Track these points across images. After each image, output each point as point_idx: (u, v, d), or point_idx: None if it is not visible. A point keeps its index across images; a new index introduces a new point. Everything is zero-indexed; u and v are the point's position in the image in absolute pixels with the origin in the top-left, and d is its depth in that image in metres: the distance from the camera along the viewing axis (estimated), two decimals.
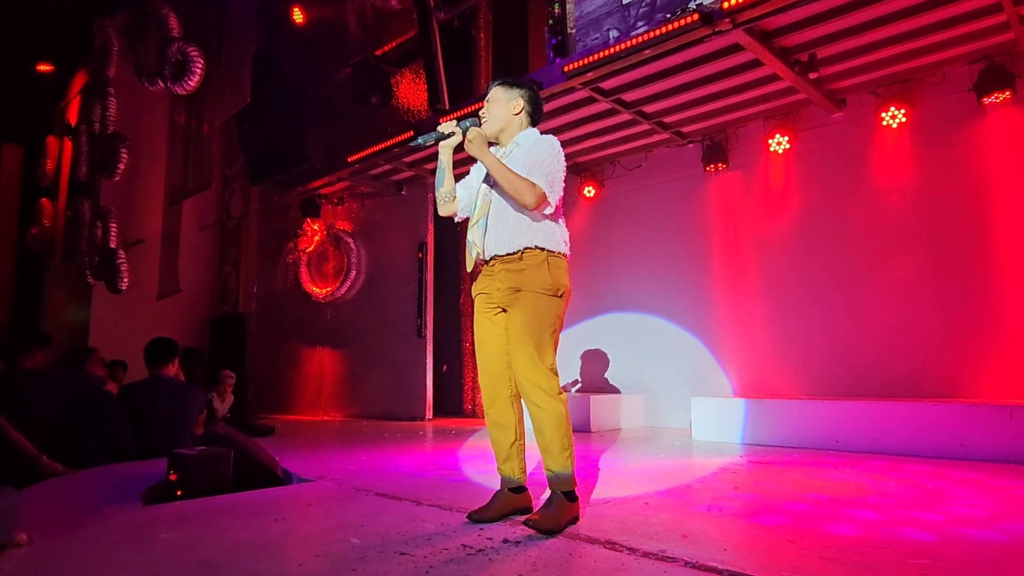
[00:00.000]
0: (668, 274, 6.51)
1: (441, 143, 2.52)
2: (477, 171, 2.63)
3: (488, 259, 2.45)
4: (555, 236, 2.41)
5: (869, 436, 4.34)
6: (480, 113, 2.56)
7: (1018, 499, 2.80)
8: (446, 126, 2.51)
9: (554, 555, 1.95)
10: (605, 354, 6.81)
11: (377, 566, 1.84)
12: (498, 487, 2.46)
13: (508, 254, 2.38)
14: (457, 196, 2.61)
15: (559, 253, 2.40)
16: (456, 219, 2.65)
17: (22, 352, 3.84)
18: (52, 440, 3.45)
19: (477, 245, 2.46)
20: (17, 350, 3.85)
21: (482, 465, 3.84)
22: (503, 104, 2.51)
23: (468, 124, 2.51)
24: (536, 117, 2.57)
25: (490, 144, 2.53)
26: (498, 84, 2.55)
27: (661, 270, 6.56)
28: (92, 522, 2.41)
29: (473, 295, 2.54)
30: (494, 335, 2.44)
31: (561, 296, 2.37)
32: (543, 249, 2.36)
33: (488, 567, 1.84)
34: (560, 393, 2.29)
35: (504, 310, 2.41)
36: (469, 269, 2.56)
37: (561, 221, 2.49)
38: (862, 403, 4.51)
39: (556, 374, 2.32)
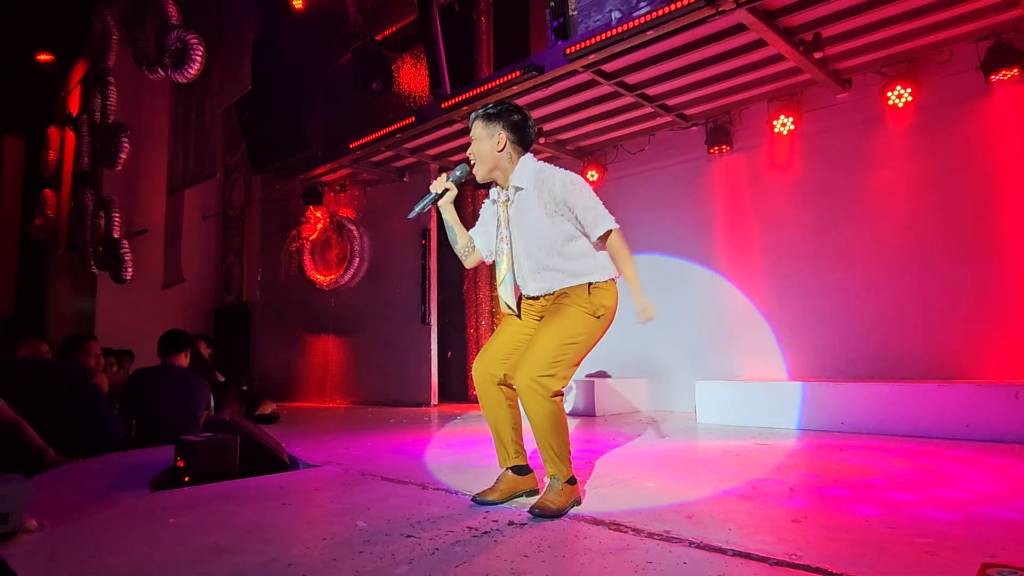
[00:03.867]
0: (672, 258, 6.49)
1: (440, 203, 2.44)
2: (488, 212, 2.54)
3: (534, 297, 2.43)
4: (597, 263, 2.37)
5: (874, 418, 4.34)
6: (468, 154, 2.44)
7: (1022, 478, 2.80)
8: (437, 184, 2.42)
9: (558, 536, 1.96)
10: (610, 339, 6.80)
11: (383, 548, 1.85)
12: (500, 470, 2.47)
13: (550, 294, 2.38)
14: (476, 245, 2.55)
15: (605, 280, 2.36)
16: (487, 263, 2.59)
17: (18, 341, 3.86)
18: (39, 431, 3.46)
19: (510, 305, 2.42)
20: (12, 339, 3.87)
21: (487, 449, 3.85)
22: (485, 141, 2.37)
23: (459, 174, 2.43)
24: (525, 141, 2.41)
25: (489, 185, 2.47)
26: (479, 117, 2.40)
27: (664, 254, 6.53)
28: (101, 508, 2.43)
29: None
30: (512, 331, 2.45)
31: (599, 317, 2.33)
32: (586, 283, 2.34)
33: (493, 548, 1.85)
34: (555, 396, 2.24)
35: (540, 319, 2.41)
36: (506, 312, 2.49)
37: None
38: (867, 384, 4.50)
39: (561, 381, 2.26)
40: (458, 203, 2.53)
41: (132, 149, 9.26)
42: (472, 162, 2.43)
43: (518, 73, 5.58)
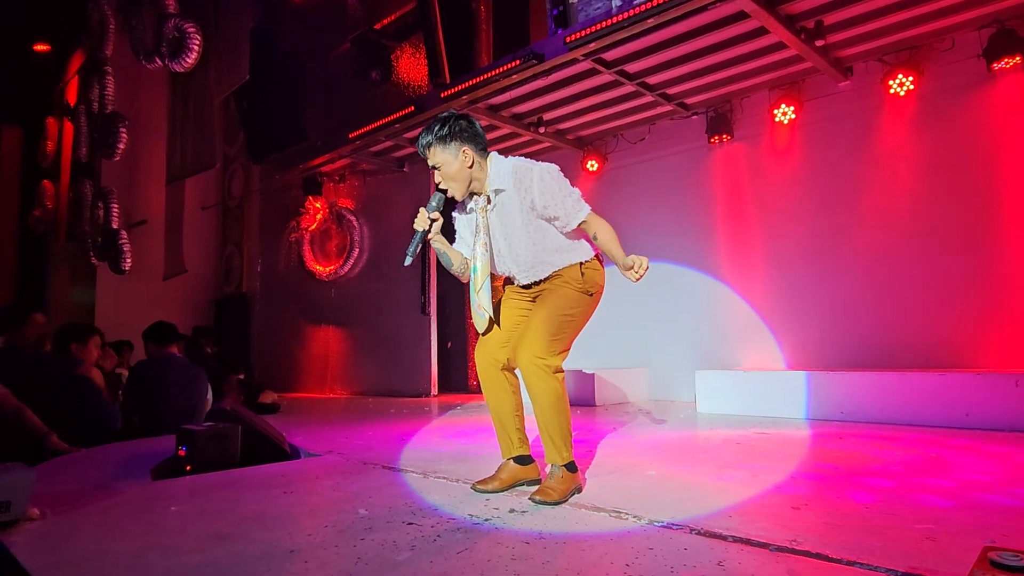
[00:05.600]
0: (672, 248, 6.48)
1: (429, 237, 2.34)
2: (463, 223, 2.48)
3: (526, 285, 2.45)
4: (582, 246, 2.40)
5: (874, 406, 4.35)
6: (437, 183, 2.34)
7: (1021, 465, 2.80)
8: (420, 220, 2.30)
9: (559, 523, 1.97)
10: (611, 329, 6.81)
11: (385, 535, 1.86)
12: (502, 460, 2.48)
13: (543, 279, 2.40)
14: (467, 257, 2.48)
15: (591, 258, 2.40)
16: None
17: (22, 319, 3.85)
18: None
19: (488, 311, 2.38)
20: (16, 319, 3.85)
21: (487, 438, 3.86)
22: (452, 163, 2.29)
23: (436, 203, 2.31)
24: (484, 143, 2.35)
25: (472, 194, 2.38)
26: (432, 144, 2.29)
27: (665, 244, 6.52)
28: (103, 496, 2.44)
29: (507, 286, 2.54)
30: (508, 315, 2.46)
31: (592, 295, 2.38)
32: (575, 264, 2.37)
33: (494, 535, 1.86)
34: (557, 372, 2.28)
35: (533, 300, 2.44)
36: (481, 331, 2.44)
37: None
38: (867, 373, 4.51)
39: (560, 357, 2.31)
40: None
41: (130, 139, 9.20)
42: (444, 188, 2.33)
43: (518, 62, 5.55)
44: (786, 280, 5.78)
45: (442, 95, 6.40)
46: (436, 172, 2.33)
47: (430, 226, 2.32)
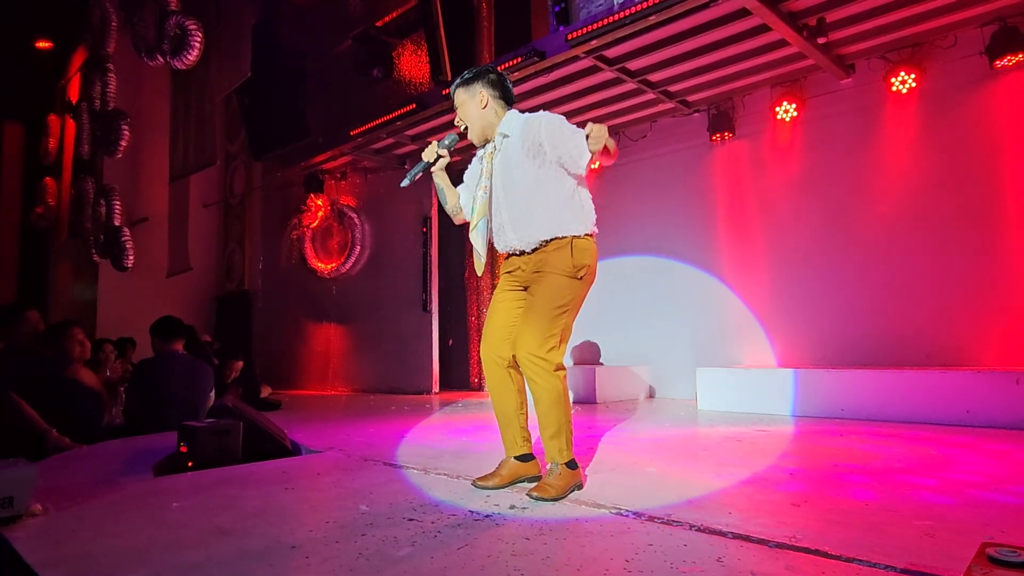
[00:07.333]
0: (673, 245, 6.48)
1: (433, 170, 2.52)
2: (472, 171, 2.60)
3: (518, 252, 2.44)
4: (580, 215, 2.38)
5: (875, 404, 4.35)
6: (456, 121, 2.53)
7: (1021, 463, 2.81)
8: (428, 152, 2.49)
9: (560, 520, 1.97)
10: (612, 325, 6.82)
11: (386, 531, 1.86)
12: (504, 457, 2.48)
13: (534, 248, 2.38)
14: (463, 204, 2.61)
15: (584, 235, 2.37)
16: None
17: (18, 317, 3.86)
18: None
19: (480, 253, 2.43)
20: (13, 317, 3.87)
21: (489, 436, 3.88)
22: (468, 104, 2.48)
23: (449, 141, 2.50)
24: (508, 97, 2.50)
25: (485, 142, 2.51)
26: (458, 86, 2.51)
27: (666, 241, 6.52)
28: (105, 492, 2.45)
29: (501, 272, 2.55)
30: (505, 308, 2.46)
31: (581, 278, 2.35)
32: (567, 236, 2.34)
33: (495, 531, 1.86)
34: (558, 370, 2.29)
35: (525, 288, 2.44)
36: (479, 273, 2.52)
37: (583, 190, 2.44)
38: (867, 371, 4.51)
39: (559, 352, 2.32)
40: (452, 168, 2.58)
41: (132, 137, 9.22)
42: (463, 129, 2.52)
43: (519, 59, 5.55)
44: (787, 277, 5.78)
45: (444, 92, 6.39)
46: (456, 113, 2.51)
47: (435, 161, 2.49)
